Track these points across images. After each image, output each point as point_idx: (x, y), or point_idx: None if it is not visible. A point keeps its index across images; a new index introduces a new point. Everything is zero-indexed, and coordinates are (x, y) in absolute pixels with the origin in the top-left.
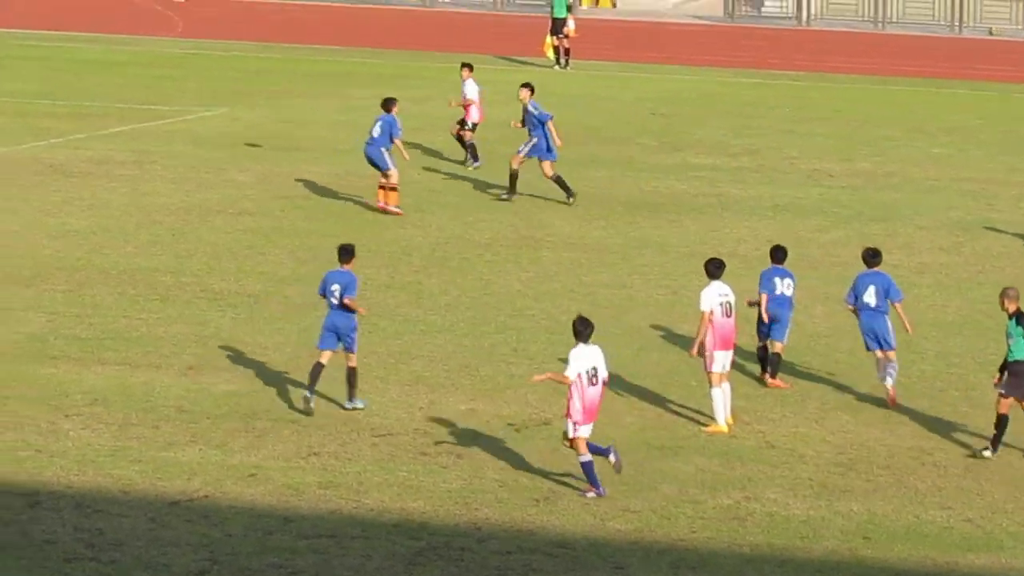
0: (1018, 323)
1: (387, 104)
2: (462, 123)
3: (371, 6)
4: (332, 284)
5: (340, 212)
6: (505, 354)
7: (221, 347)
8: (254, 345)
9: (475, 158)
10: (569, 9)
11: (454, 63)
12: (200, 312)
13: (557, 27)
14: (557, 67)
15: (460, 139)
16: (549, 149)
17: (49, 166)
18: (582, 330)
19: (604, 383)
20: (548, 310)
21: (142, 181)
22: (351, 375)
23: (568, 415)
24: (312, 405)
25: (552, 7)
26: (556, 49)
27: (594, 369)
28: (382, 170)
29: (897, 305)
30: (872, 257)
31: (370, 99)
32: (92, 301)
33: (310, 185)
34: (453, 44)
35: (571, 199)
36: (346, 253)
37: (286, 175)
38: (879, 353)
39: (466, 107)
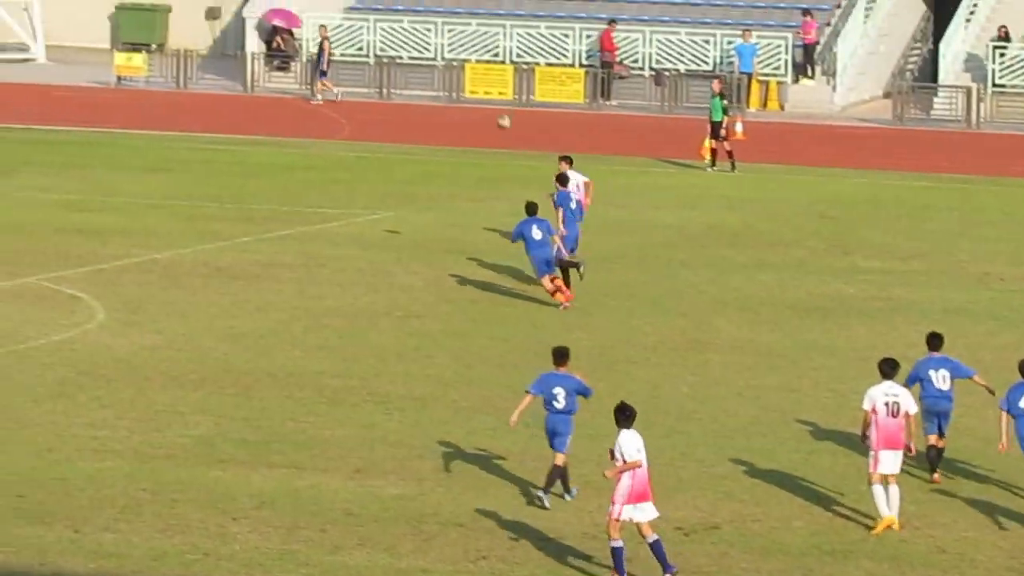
0: None
1: (535, 207)
2: None
3: (536, 109)
4: (555, 387)
5: (507, 316)
6: (673, 458)
7: (388, 450)
8: (421, 448)
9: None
10: (726, 112)
11: (617, 166)
12: (367, 415)
13: (715, 130)
14: (709, 170)
15: None
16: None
17: (216, 269)
18: (626, 416)
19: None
20: (715, 414)
21: (309, 284)
22: (563, 473)
23: (613, 499)
24: (546, 504)
25: (710, 111)
26: (713, 152)
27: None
28: (550, 274)
29: None
30: None
31: (538, 202)
32: (259, 404)
33: (477, 288)
34: (616, 146)
35: (581, 269)
36: (561, 356)
37: (454, 278)
38: None
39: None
